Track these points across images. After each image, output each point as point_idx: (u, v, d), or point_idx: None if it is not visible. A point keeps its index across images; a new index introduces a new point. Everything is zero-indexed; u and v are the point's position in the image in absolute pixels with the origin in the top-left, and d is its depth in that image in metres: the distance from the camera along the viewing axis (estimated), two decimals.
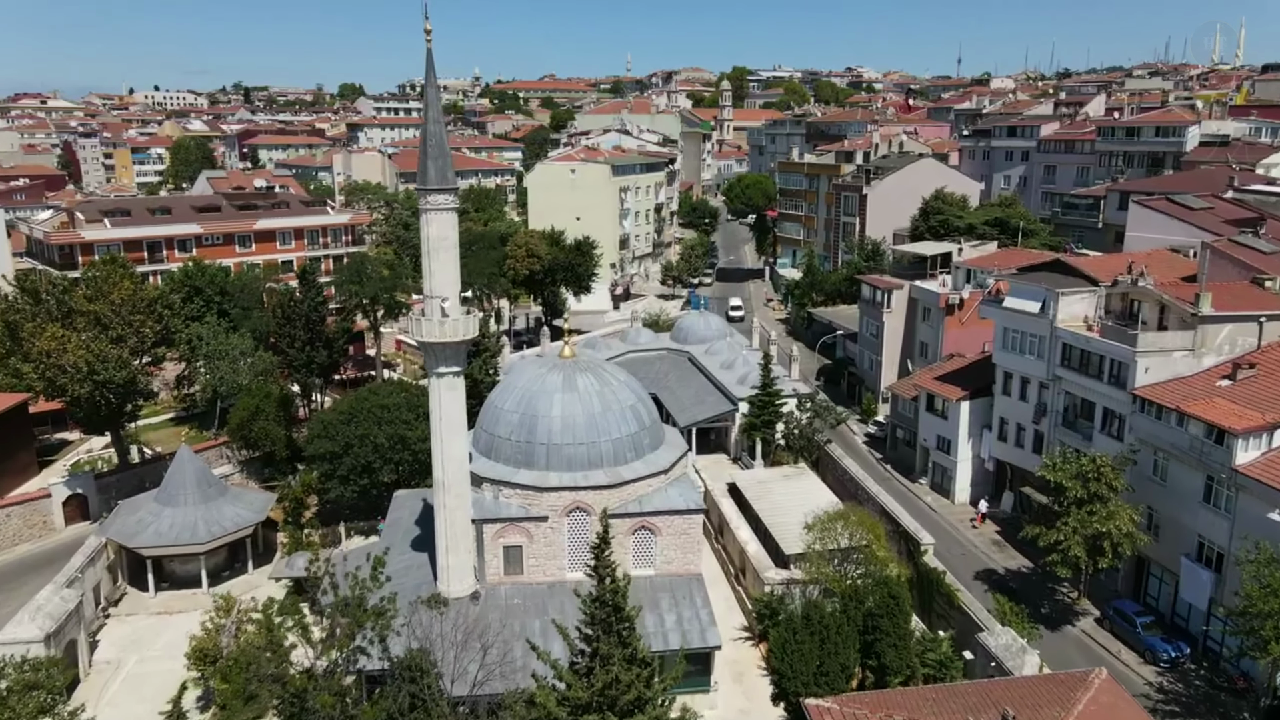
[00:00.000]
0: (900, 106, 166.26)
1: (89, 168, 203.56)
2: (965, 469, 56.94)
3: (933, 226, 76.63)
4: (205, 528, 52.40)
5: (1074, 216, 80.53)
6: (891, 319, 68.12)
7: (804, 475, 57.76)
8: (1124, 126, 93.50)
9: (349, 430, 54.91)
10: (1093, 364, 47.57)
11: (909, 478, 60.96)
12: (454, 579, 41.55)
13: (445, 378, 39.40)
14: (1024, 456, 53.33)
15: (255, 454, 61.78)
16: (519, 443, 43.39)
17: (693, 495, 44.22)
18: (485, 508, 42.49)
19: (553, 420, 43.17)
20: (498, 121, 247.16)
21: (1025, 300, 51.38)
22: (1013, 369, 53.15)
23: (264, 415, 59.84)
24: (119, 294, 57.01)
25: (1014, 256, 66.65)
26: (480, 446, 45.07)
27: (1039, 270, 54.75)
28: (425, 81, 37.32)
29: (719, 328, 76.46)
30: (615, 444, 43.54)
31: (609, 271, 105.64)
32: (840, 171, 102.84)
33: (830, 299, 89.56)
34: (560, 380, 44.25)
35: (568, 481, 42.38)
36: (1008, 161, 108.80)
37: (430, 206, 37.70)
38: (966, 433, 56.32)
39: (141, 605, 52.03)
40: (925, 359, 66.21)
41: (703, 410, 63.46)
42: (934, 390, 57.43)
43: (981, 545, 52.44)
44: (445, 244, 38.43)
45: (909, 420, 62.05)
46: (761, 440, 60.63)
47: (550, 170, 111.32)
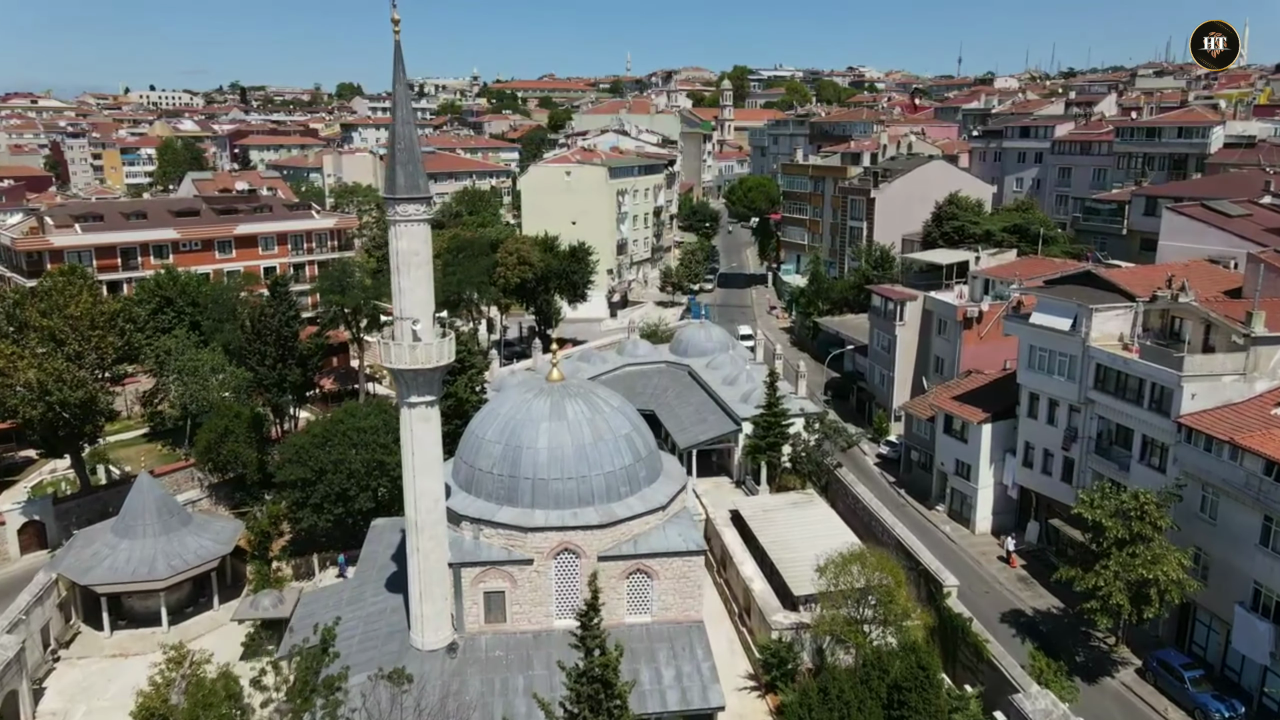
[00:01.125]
0: (906, 106, 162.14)
1: (76, 169, 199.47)
2: (987, 496, 52.88)
3: (946, 233, 72.55)
4: (165, 562, 48.42)
5: (1096, 222, 76.49)
6: (905, 332, 64.05)
7: (813, 503, 53.69)
8: (1144, 127, 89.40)
9: (322, 455, 50.90)
10: (1131, 387, 43.52)
11: (925, 504, 56.89)
12: (428, 629, 37.48)
13: (418, 408, 35.34)
14: (1052, 485, 49.27)
15: (225, 477, 57.78)
16: (502, 477, 39.34)
17: (693, 535, 40.15)
18: (464, 549, 38.43)
19: (538, 452, 39.11)
20: (495, 121, 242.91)
21: (1054, 316, 47.32)
22: (1040, 390, 49.09)
23: (234, 436, 55.85)
24: (76, 307, 53.01)
25: (1035, 266, 62.67)
26: (460, 479, 41.02)
27: (1067, 283, 50.71)
28: (394, 78, 33.28)
29: (721, 340, 72.32)
30: (608, 478, 39.47)
31: (606, 278, 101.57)
32: (846, 174, 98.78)
33: (837, 307, 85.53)
34: (547, 407, 40.18)
35: (555, 521, 38.32)
36: (1020, 163, 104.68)
37: (400, 218, 33.65)
38: (988, 457, 52.28)
39: (95, 646, 48.04)
40: (941, 375, 62.15)
41: (704, 431, 59.34)
42: (953, 411, 53.38)
43: (1007, 582, 48.37)
44: (417, 259, 34.39)
45: (925, 442, 57.98)
46: (767, 464, 56.56)
47: (544, 173, 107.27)
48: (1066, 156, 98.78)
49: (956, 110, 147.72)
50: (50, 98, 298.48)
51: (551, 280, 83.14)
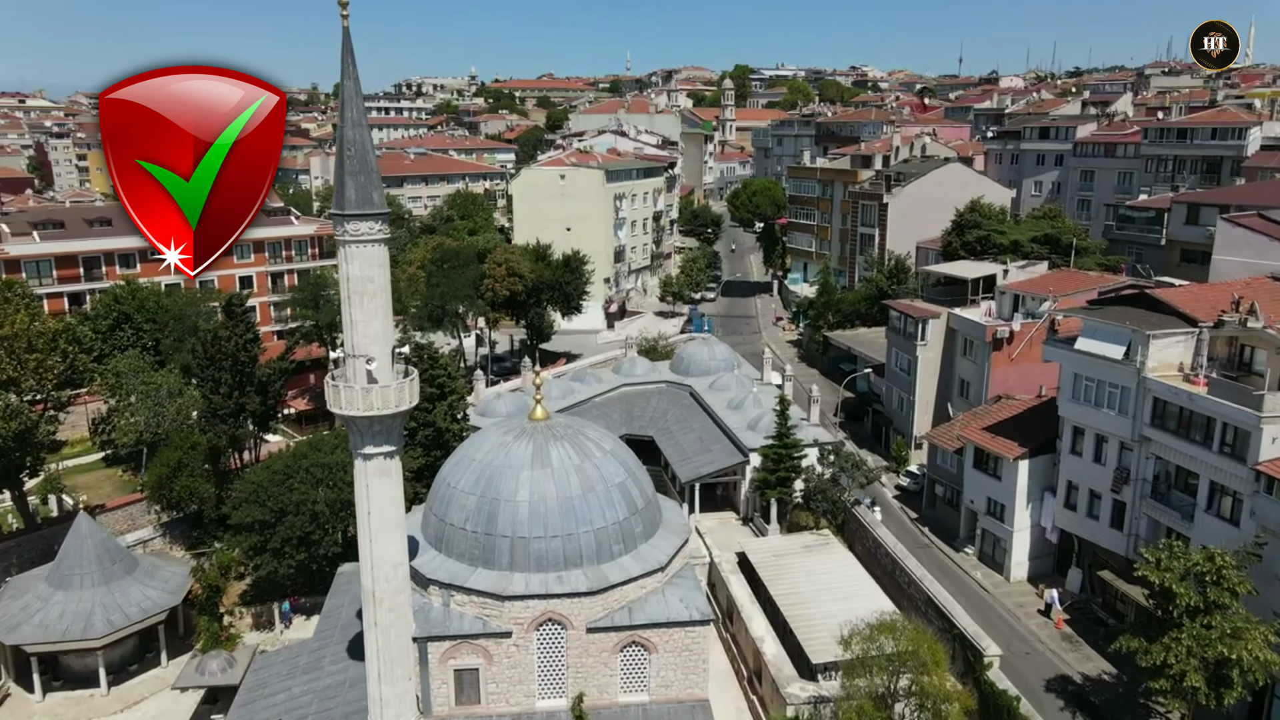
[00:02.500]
0: (916, 106, 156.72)
1: (60, 170, 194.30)
2: (1023, 540, 47.52)
3: (969, 243, 67.14)
4: (104, 617, 43.12)
5: (1130, 231, 71.15)
6: (926, 353, 58.69)
7: (829, 546, 48.38)
8: (1175, 128, 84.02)
9: (283, 494, 45.65)
10: (1197, 426, 38.18)
11: (951, 544, 51.54)
12: (388, 715, 32.12)
13: (374, 460, 29.95)
14: (1098, 530, 43.92)
15: (180, 514, 52.49)
16: (476, 534, 34.07)
17: (698, 600, 34.82)
18: (431, 620, 33.16)
19: (518, 506, 33.85)
20: (491, 121, 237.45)
21: (1104, 342, 41.96)
22: (1085, 424, 43.74)
23: (188, 470, 50.55)
24: (10, 327, 47.71)
25: (1069, 280, 57.36)
26: (429, 535, 35.73)
27: (1115, 303, 45.42)
28: (342, 71, 27.82)
29: (725, 358, 67.08)
30: (598, 535, 34.20)
31: (602, 287, 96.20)
32: (857, 178, 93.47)
33: (848, 320, 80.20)
34: (529, 452, 34.87)
35: (537, 586, 33.03)
36: (1039, 166, 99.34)
37: (350, 238, 28.24)
38: (1025, 497, 46.93)
39: (25, 712, 42.80)
40: (966, 400, 56.82)
41: (708, 462, 54.06)
42: (985, 445, 48.02)
43: (1050, 641, 43.00)
44: (371, 286, 28.97)
45: (951, 475, 52.66)
46: (777, 500, 51.26)
47: (538, 176, 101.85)
48: (1089, 159, 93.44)
49: (968, 110, 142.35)
50: (41, 97, 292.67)
51: (543, 292, 77.73)
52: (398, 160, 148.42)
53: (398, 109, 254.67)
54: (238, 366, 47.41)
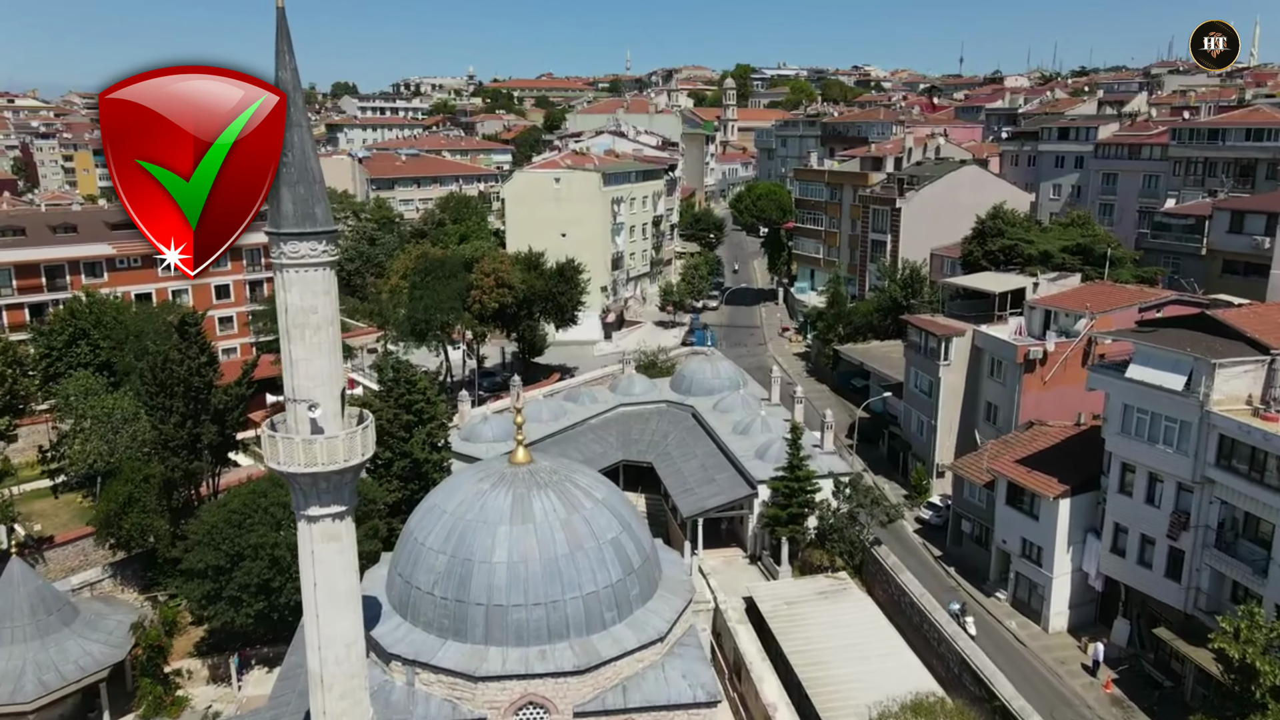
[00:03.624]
0: (925, 105, 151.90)
1: (46, 171, 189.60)
2: (1063, 586, 42.74)
3: (991, 252, 62.36)
4: (36, 677, 38.46)
5: (1166, 239, 66.35)
6: (950, 374, 53.92)
7: (847, 592, 43.73)
8: (1205, 128, 79.28)
9: (240, 537, 40.94)
10: (1271, 468, 33.48)
11: (980, 587, 46.74)
12: None
13: (320, 523, 25.30)
14: (1150, 580, 39.15)
15: (132, 553, 47.79)
16: (446, 601, 29.37)
17: (704, 676, 30.08)
18: (392, 704, 28.42)
19: (495, 569, 29.16)
20: (488, 122, 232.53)
21: (1160, 371, 37.22)
22: (1137, 461, 38.99)
23: (140, 505, 45.87)
24: None
25: (1105, 294, 52.64)
26: (394, 597, 31.04)
27: (1168, 325, 40.72)
28: (276, 62, 23.16)
29: (730, 376, 62.42)
30: (588, 602, 29.50)
31: (599, 296, 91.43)
32: (868, 181, 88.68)
33: (860, 333, 75.42)
34: (508, 504, 30.17)
35: (516, 664, 28.34)
36: (1058, 168, 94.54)
37: (289, 260, 23.46)
38: (1066, 539, 42.17)
39: None
40: (994, 425, 52.09)
41: (712, 494, 49.34)
42: (1020, 481, 43.26)
43: (1098, 706, 38.16)
44: (315, 318, 24.24)
45: (979, 510, 47.93)
46: (789, 539, 46.56)
47: (531, 180, 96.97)
48: (1112, 161, 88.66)
49: (979, 110, 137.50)
50: (33, 97, 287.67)
51: (535, 304, 72.93)
52: (389, 162, 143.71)
53: (393, 109, 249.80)
54: (191, 393, 42.63)
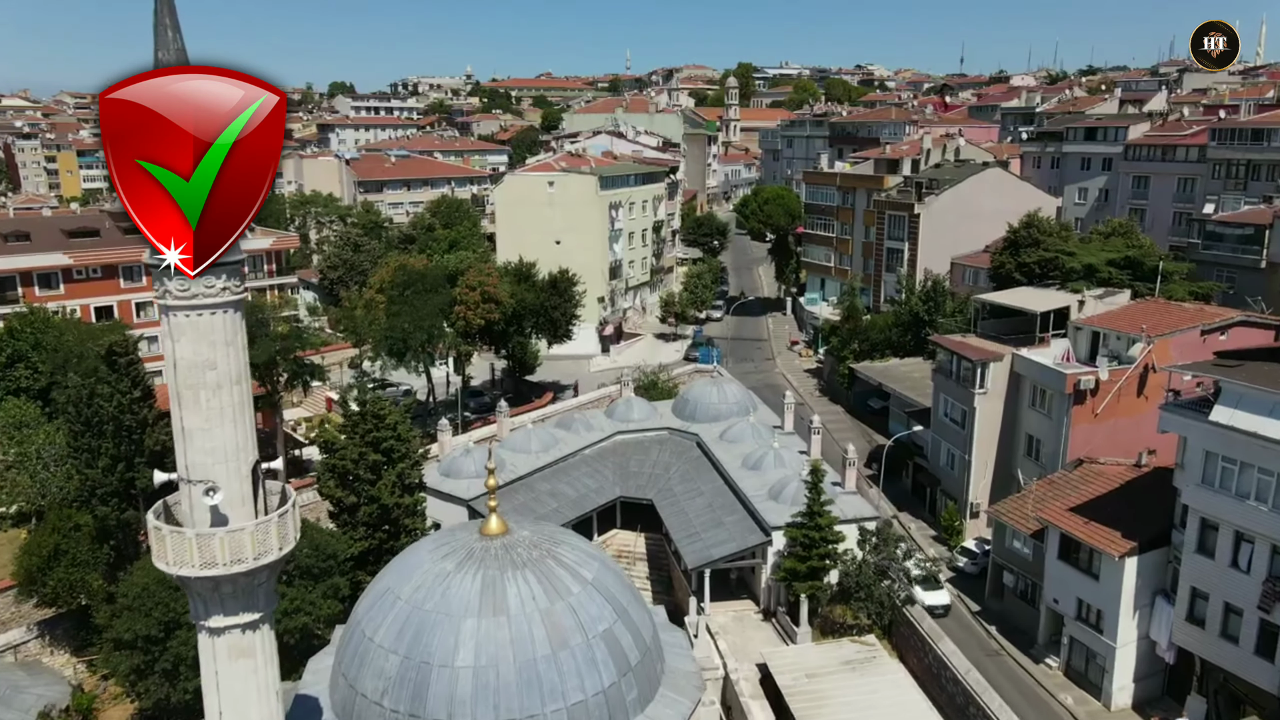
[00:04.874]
0: (937, 104, 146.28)
1: (28, 172, 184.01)
2: (1127, 657, 37.06)
3: (1026, 265, 56.65)
4: None
5: (1220, 250, 60.75)
6: (986, 403, 48.20)
7: (877, 662, 38.00)
8: (1248, 129, 73.73)
9: (175, 601, 35.21)
10: None
11: (1028, 652, 41.04)
12: None
13: (227, 635, 19.64)
14: (1236, 656, 33.46)
15: (62, 610, 42.13)
16: (398, 716, 23.63)
17: None
18: None
19: (458, 674, 23.44)
20: (484, 122, 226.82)
21: (1253, 415, 31.55)
22: (1221, 517, 33.31)
23: (69, 558, 40.19)
24: None
25: (1161, 314, 47.07)
26: (337, 703, 25.32)
27: (1253, 357, 35.07)
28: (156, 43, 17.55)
29: (738, 400, 56.67)
30: (574, 714, 23.77)
31: (596, 308, 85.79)
32: (883, 184, 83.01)
33: (876, 349, 69.76)
34: (476, 590, 24.46)
35: None
36: (1084, 171, 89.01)
37: (176, 300, 17.82)
38: (1132, 604, 36.50)
39: None
40: (1037, 462, 46.44)
41: (720, 542, 43.59)
42: (1077, 534, 37.59)
43: None
44: (214, 376, 18.60)
45: (1024, 562, 42.27)
46: (809, 596, 40.89)
47: (523, 183, 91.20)
48: (1143, 163, 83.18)
49: (993, 109, 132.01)
50: (23, 97, 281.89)
51: (526, 319, 67.21)
52: (377, 163, 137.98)
53: (388, 108, 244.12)
54: (122, 432, 36.94)
